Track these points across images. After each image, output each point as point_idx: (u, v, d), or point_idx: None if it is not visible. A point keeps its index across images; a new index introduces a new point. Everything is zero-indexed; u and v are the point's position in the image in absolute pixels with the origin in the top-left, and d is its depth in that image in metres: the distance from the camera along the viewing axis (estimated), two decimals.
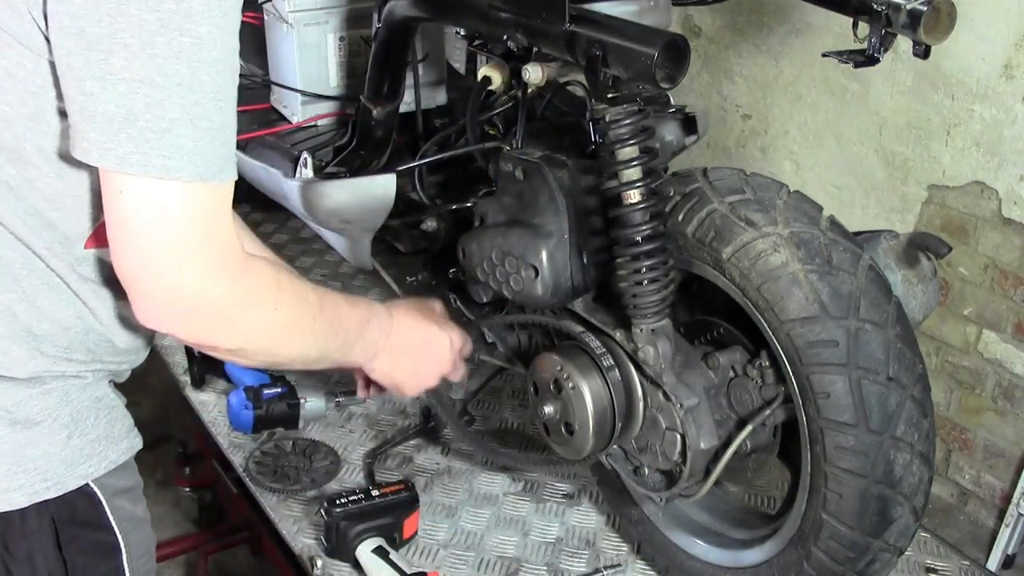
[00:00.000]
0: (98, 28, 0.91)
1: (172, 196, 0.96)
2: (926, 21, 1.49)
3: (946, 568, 1.75)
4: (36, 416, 1.10)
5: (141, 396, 3.16)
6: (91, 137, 0.94)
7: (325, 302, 1.19)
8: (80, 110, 0.94)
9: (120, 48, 0.91)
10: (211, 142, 0.97)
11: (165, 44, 0.92)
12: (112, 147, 0.94)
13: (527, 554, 1.74)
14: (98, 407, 1.17)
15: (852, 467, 1.31)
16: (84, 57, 0.92)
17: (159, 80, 0.92)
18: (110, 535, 1.18)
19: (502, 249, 1.52)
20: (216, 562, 2.72)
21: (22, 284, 1.07)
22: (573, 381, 1.50)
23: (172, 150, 0.94)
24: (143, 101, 0.93)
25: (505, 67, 1.69)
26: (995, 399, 2.88)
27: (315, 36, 2.07)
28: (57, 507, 1.12)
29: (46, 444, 1.10)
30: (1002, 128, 2.65)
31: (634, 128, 1.37)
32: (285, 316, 1.10)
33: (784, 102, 3.22)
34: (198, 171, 0.96)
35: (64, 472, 1.12)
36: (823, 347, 1.30)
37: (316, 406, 1.98)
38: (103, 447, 1.16)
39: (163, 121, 0.93)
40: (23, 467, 1.09)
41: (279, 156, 2.00)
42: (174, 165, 0.95)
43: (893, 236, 1.58)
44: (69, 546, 1.14)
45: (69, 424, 1.13)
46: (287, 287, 1.11)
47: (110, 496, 1.17)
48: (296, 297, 1.13)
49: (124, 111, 0.93)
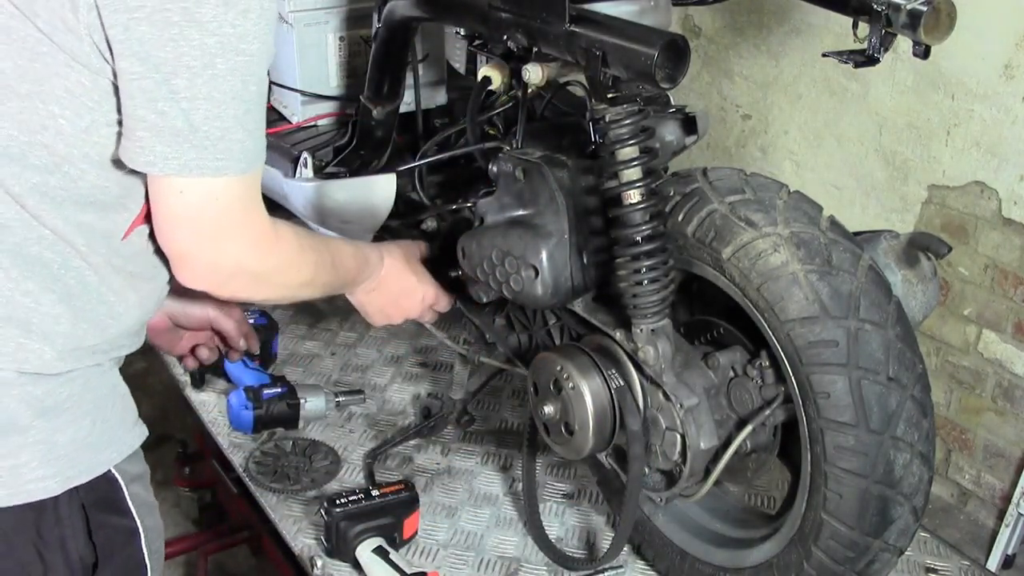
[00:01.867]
0: (163, 52, 1.02)
1: (221, 188, 1.10)
2: (926, 21, 1.49)
3: (946, 568, 1.75)
4: (63, 403, 1.14)
5: (141, 396, 3.10)
6: (157, 150, 1.06)
7: (335, 258, 1.41)
8: (149, 127, 1.05)
9: (184, 70, 1.03)
10: (254, 141, 1.12)
11: (223, 64, 1.04)
12: (176, 156, 1.06)
13: (527, 554, 1.74)
14: (114, 394, 1.23)
15: (852, 467, 1.31)
16: (153, 80, 1.03)
17: (217, 96, 1.05)
18: (130, 520, 1.22)
19: (502, 249, 1.52)
20: (216, 562, 2.72)
21: (61, 283, 1.13)
22: (573, 381, 1.50)
23: (225, 153, 1.08)
24: (203, 115, 1.05)
25: (505, 67, 1.69)
26: (995, 399, 2.88)
27: (315, 36, 2.07)
28: (85, 493, 1.17)
29: (73, 430, 1.15)
30: (1002, 128, 2.65)
31: (634, 128, 1.37)
32: (305, 274, 1.31)
33: (784, 102, 3.22)
34: (242, 167, 1.11)
35: (91, 458, 1.17)
36: (823, 347, 1.30)
37: (316, 406, 1.99)
38: (121, 432, 1.22)
39: (219, 130, 1.07)
40: (55, 454, 1.13)
41: (279, 156, 2.00)
42: (224, 164, 1.09)
43: (893, 236, 1.58)
44: (99, 531, 1.19)
45: (92, 411, 1.17)
46: (308, 250, 1.31)
47: (128, 482, 1.22)
48: (316, 258, 1.33)
49: (188, 125, 1.05)
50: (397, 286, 1.60)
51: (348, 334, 2.41)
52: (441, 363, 2.31)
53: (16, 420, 1.11)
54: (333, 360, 2.31)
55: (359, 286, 1.55)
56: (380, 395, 2.18)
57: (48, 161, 1.08)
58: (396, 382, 2.24)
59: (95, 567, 1.20)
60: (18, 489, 1.11)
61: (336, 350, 2.35)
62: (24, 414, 1.11)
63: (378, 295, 1.59)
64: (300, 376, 2.21)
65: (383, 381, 2.24)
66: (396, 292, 1.61)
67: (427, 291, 1.65)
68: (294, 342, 2.36)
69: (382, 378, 2.25)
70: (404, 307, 1.64)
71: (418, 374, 2.28)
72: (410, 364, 2.32)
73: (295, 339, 2.37)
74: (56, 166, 1.08)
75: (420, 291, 1.64)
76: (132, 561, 1.23)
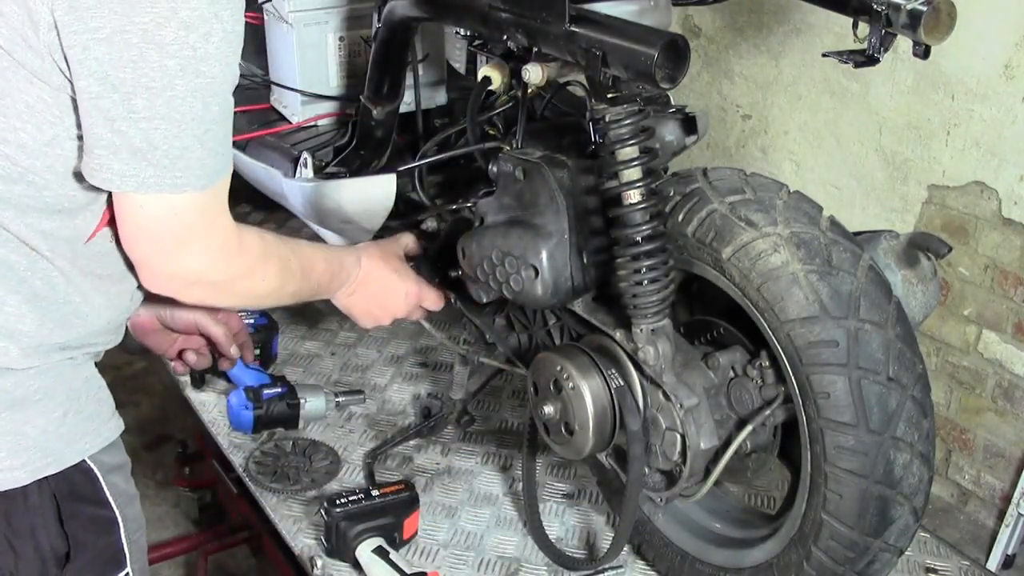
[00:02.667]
0: (122, 73, 1.02)
1: (182, 203, 1.11)
2: (926, 21, 1.49)
3: (946, 568, 1.75)
4: (33, 395, 1.15)
5: (141, 396, 3.15)
6: (115, 168, 1.07)
7: (305, 265, 1.40)
8: (106, 144, 1.06)
9: (143, 90, 1.03)
10: (216, 158, 1.12)
11: (183, 85, 1.04)
12: (134, 174, 1.07)
13: (527, 554, 1.74)
14: (88, 386, 1.23)
15: (852, 467, 1.31)
16: (111, 100, 1.03)
17: (176, 116, 1.05)
18: (108, 510, 1.23)
19: (502, 249, 1.52)
20: (216, 562, 2.72)
21: (27, 285, 1.13)
22: (573, 381, 1.50)
23: (185, 171, 1.09)
24: (162, 135, 1.05)
25: (505, 67, 1.69)
26: (995, 399, 2.88)
27: (315, 36, 2.07)
28: (57, 483, 1.17)
29: (43, 422, 1.16)
30: (1002, 128, 2.65)
31: (634, 128, 1.37)
32: (270, 283, 1.31)
33: (784, 102, 3.22)
34: (203, 183, 1.11)
35: (62, 448, 1.17)
36: (823, 347, 1.30)
37: (316, 406, 1.98)
38: (96, 424, 1.22)
39: (178, 149, 1.07)
40: (23, 445, 1.14)
41: (279, 156, 2.01)
42: (184, 181, 1.09)
43: (893, 236, 1.58)
44: (71, 521, 1.19)
45: (64, 403, 1.18)
46: (273, 258, 1.30)
47: (105, 473, 1.22)
48: (280, 267, 1.32)
49: (146, 144, 1.05)
50: (378, 286, 1.59)
51: (348, 334, 2.41)
52: (441, 363, 2.31)
53: None
54: (333, 360, 2.31)
55: (338, 291, 1.54)
56: (380, 395, 2.18)
57: (12, 171, 1.09)
58: (396, 382, 2.24)
59: (68, 557, 1.20)
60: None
61: (336, 350, 2.35)
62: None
63: (359, 298, 1.58)
64: (300, 376, 2.21)
65: (383, 381, 2.24)
66: (378, 292, 1.60)
67: (410, 288, 1.63)
68: (294, 342, 2.36)
69: (382, 378, 2.25)
70: (389, 307, 1.63)
71: (418, 374, 2.28)
72: (410, 364, 2.32)
73: (295, 339, 2.37)
74: (20, 176, 1.09)
75: (402, 288, 1.62)
76: (109, 550, 1.24)
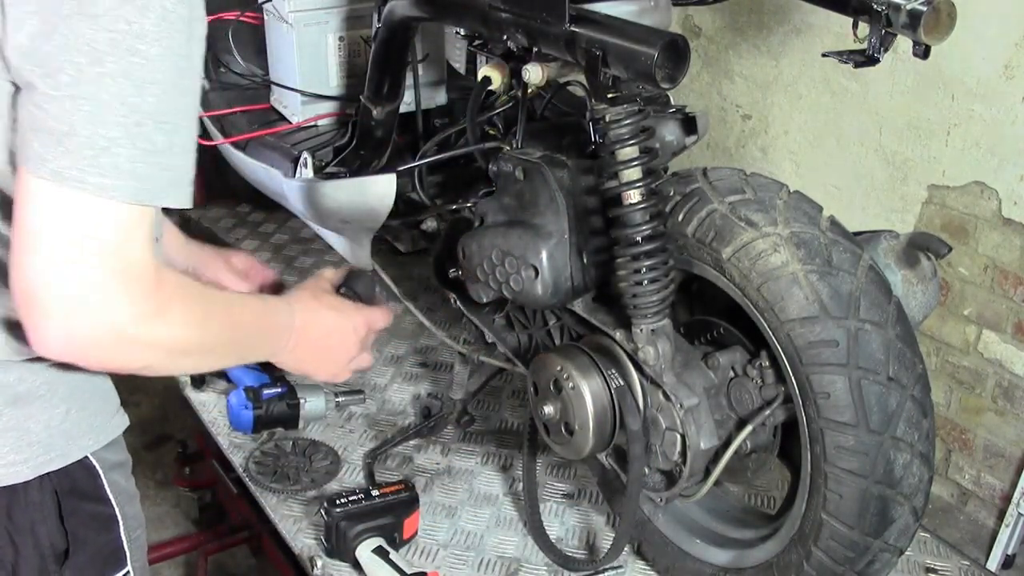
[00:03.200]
0: (50, 46, 0.93)
1: (100, 211, 0.95)
2: (926, 21, 1.49)
3: (946, 568, 1.75)
4: (37, 390, 1.13)
5: (141, 396, 3.16)
6: (34, 148, 0.94)
7: (233, 317, 1.18)
8: (30, 122, 0.95)
9: (70, 65, 0.93)
10: (152, 167, 0.97)
11: (114, 63, 0.93)
12: (50, 159, 0.94)
13: (527, 554, 1.74)
14: (92, 382, 1.21)
15: (852, 467, 1.31)
16: (35, 73, 0.94)
17: (104, 98, 0.93)
18: (108, 507, 1.22)
19: (502, 249, 1.52)
20: (216, 562, 2.72)
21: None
22: (573, 381, 1.50)
23: (110, 171, 0.94)
24: (85, 118, 0.93)
25: (505, 67, 1.69)
26: (995, 399, 2.88)
27: (315, 36, 2.07)
28: (59, 479, 1.16)
29: (47, 417, 1.14)
30: (1002, 128, 2.65)
31: (634, 128, 1.37)
32: (190, 332, 1.08)
33: (784, 102, 3.22)
34: (134, 194, 0.96)
35: (65, 444, 1.16)
36: (823, 347, 1.30)
37: (316, 406, 1.98)
38: (100, 421, 1.21)
39: (103, 139, 0.94)
40: (27, 440, 1.13)
41: (279, 156, 2.00)
42: (110, 184, 0.94)
43: (893, 236, 1.58)
44: (71, 518, 1.18)
45: (67, 398, 1.16)
46: (194, 300, 1.09)
47: (107, 470, 1.21)
48: (203, 313, 1.10)
49: (67, 127, 0.93)
50: (320, 331, 1.37)
51: None
52: (441, 363, 2.31)
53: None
54: None
55: (279, 350, 1.29)
56: (380, 395, 2.18)
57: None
58: (396, 382, 2.24)
59: (67, 553, 1.20)
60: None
61: None
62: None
63: (305, 350, 1.34)
64: (300, 376, 2.20)
65: (383, 381, 2.24)
66: (323, 337, 1.38)
67: (355, 320, 1.41)
68: None
69: (382, 378, 2.25)
70: (342, 349, 1.41)
71: (418, 374, 2.28)
72: (410, 364, 2.32)
73: None
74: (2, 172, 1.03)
75: (348, 323, 1.41)
76: (109, 547, 1.24)
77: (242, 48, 2.28)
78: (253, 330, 1.24)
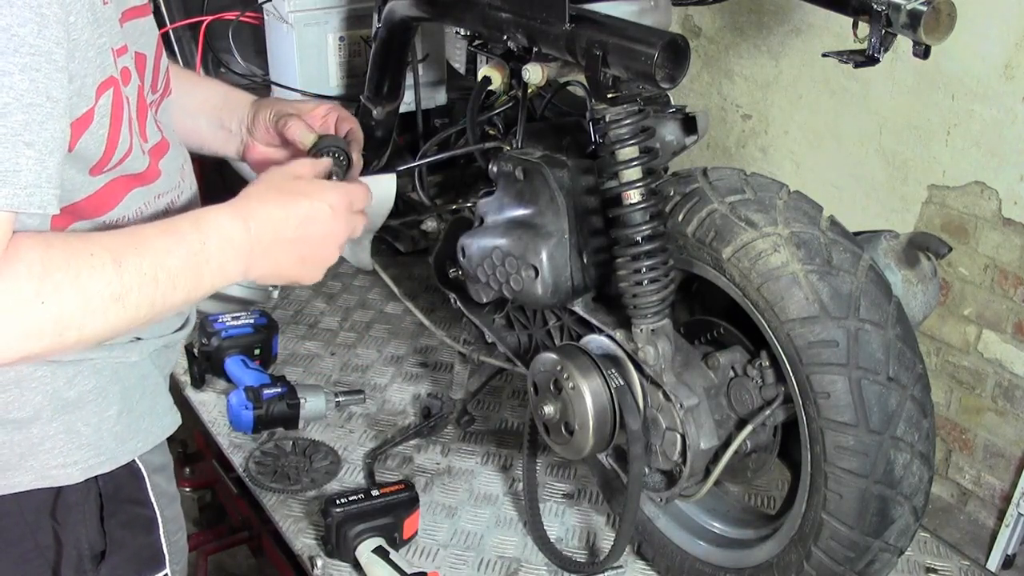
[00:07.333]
0: None
1: None
2: (926, 21, 1.49)
3: (946, 568, 1.75)
4: (87, 394, 1.12)
5: None
6: None
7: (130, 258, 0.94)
8: None
9: None
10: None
11: None
12: None
13: (527, 554, 1.74)
14: (144, 384, 1.19)
15: (852, 467, 1.31)
16: None
17: None
18: (149, 510, 1.21)
19: (502, 249, 1.52)
20: (216, 562, 2.71)
21: None
22: (573, 381, 1.50)
23: None
24: None
25: (505, 67, 1.70)
26: (995, 399, 2.88)
27: (315, 36, 2.07)
28: (105, 481, 1.15)
29: (97, 420, 1.13)
30: (1002, 128, 2.65)
31: (634, 128, 1.37)
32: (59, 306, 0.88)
33: (784, 102, 3.22)
34: None
35: (115, 448, 1.15)
36: (823, 347, 1.30)
37: (316, 406, 1.99)
38: (148, 423, 1.19)
39: None
40: (78, 444, 1.12)
41: None
42: None
43: (893, 236, 1.58)
44: (110, 520, 1.17)
45: (118, 401, 1.15)
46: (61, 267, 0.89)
47: (151, 472, 1.20)
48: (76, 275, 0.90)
49: None
50: (290, 223, 1.09)
51: (348, 334, 2.42)
52: (441, 363, 2.31)
53: (40, 412, 1.10)
54: (333, 360, 2.31)
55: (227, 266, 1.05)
56: (380, 395, 2.18)
57: None
58: (396, 382, 2.24)
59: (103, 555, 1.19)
60: (42, 475, 1.11)
61: (336, 350, 2.35)
62: (47, 406, 1.10)
63: (280, 253, 1.09)
64: (300, 376, 2.21)
65: (383, 381, 2.24)
66: (294, 229, 1.09)
67: (331, 199, 1.11)
68: (294, 342, 2.36)
69: (382, 378, 2.25)
70: (320, 236, 1.11)
71: (418, 374, 2.28)
72: (410, 364, 2.32)
73: (295, 339, 2.37)
74: None
75: (322, 205, 1.10)
76: (149, 550, 1.23)
77: (242, 48, 2.28)
78: (178, 264, 0.99)
